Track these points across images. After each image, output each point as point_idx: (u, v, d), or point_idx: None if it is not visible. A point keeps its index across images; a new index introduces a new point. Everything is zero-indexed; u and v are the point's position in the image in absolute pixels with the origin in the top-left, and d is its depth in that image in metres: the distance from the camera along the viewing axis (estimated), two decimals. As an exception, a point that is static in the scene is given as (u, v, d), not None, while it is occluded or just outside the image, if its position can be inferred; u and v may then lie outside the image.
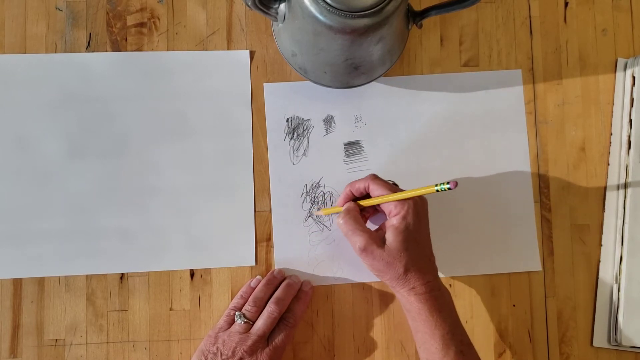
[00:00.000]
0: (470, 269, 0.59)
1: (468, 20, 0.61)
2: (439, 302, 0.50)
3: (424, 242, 0.51)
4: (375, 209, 0.56)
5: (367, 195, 0.54)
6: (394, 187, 0.52)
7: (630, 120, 0.59)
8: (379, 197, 0.51)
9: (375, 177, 0.53)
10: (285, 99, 0.59)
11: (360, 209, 0.54)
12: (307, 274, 0.58)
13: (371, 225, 0.57)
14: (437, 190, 0.45)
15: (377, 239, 0.50)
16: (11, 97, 0.57)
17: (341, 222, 0.52)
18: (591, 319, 0.59)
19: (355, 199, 0.55)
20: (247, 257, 0.58)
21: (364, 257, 0.50)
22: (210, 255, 0.58)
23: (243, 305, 0.55)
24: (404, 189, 0.52)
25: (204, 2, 0.60)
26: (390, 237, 0.49)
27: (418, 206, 0.51)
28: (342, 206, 0.54)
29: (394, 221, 0.50)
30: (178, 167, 0.58)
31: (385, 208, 0.52)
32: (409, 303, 0.50)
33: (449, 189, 0.44)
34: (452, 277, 0.59)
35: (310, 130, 0.59)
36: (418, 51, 0.61)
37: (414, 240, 0.50)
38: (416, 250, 0.50)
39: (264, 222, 0.58)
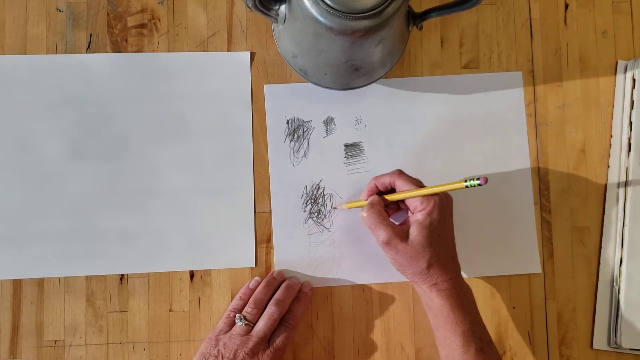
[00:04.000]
0: (470, 271, 0.59)
1: (468, 22, 0.61)
2: (461, 299, 0.50)
3: (447, 238, 0.51)
4: (398, 207, 0.56)
5: (392, 190, 0.53)
6: (420, 183, 0.52)
7: (631, 123, 0.59)
8: (404, 191, 0.51)
9: (401, 173, 0.52)
10: (285, 101, 0.59)
11: (384, 204, 0.53)
12: (307, 276, 0.58)
13: (393, 222, 0.56)
14: (467, 186, 0.44)
15: (401, 233, 0.49)
16: (11, 98, 0.57)
17: (365, 215, 0.52)
18: (591, 321, 0.59)
19: (379, 193, 0.54)
20: (247, 258, 0.58)
21: (387, 250, 0.50)
22: (210, 257, 0.57)
23: (242, 306, 0.54)
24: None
25: (204, 4, 0.60)
26: (414, 232, 0.49)
27: (443, 203, 0.50)
28: (366, 199, 0.54)
29: (418, 216, 0.50)
30: (178, 169, 0.58)
31: (410, 204, 0.51)
32: (431, 299, 0.50)
33: (479, 184, 0.43)
34: (452, 279, 0.59)
35: (310, 132, 0.59)
36: (418, 53, 0.61)
37: (438, 236, 0.49)
38: (440, 247, 0.50)
39: (264, 224, 0.58)
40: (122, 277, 0.57)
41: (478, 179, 0.43)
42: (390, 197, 0.53)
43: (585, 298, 0.59)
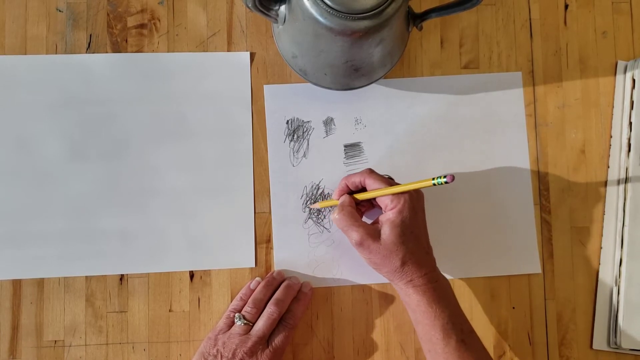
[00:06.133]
0: (470, 272, 0.59)
1: (468, 22, 0.61)
2: (437, 293, 0.50)
3: (420, 235, 0.51)
4: (372, 204, 0.56)
5: (363, 189, 0.54)
6: (390, 181, 0.52)
7: (630, 123, 0.59)
8: (375, 190, 0.51)
9: (371, 172, 0.53)
10: (285, 101, 0.59)
11: (356, 203, 0.54)
12: (306, 276, 0.58)
13: (367, 220, 0.57)
14: (434, 184, 0.45)
15: (373, 232, 0.50)
16: (11, 98, 0.57)
17: (337, 217, 0.52)
18: (591, 322, 0.59)
19: (350, 192, 0.54)
20: (246, 258, 0.58)
21: (361, 251, 0.51)
22: (210, 257, 0.57)
23: (242, 307, 0.54)
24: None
25: (204, 4, 0.60)
26: (386, 231, 0.49)
27: (414, 200, 0.51)
28: (338, 199, 0.54)
29: (390, 215, 0.50)
30: (178, 169, 0.58)
31: (381, 202, 0.52)
32: (407, 295, 0.51)
33: (445, 182, 0.44)
34: (452, 280, 0.59)
35: (310, 132, 0.59)
36: (418, 53, 0.61)
37: (410, 233, 0.50)
38: (413, 244, 0.50)
39: (263, 224, 0.58)
40: (122, 277, 0.57)
41: (445, 176, 0.44)
42: (360, 196, 0.53)
43: (585, 298, 0.59)
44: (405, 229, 0.49)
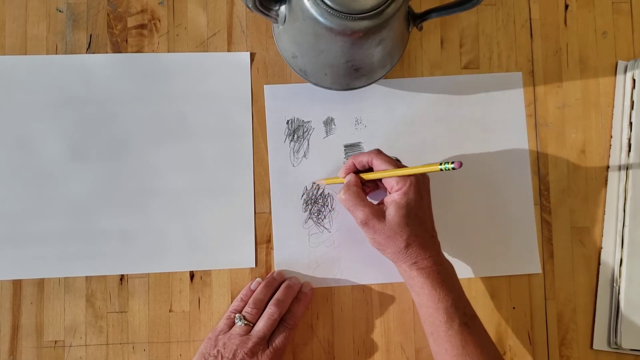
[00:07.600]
0: (470, 271, 0.59)
1: (468, 22, 0.61)
2: (442, 276, 0.50)
3: (425, 218, 0.51)
4: (376, 185, 0.56)
5: (370, 170, 0.54)
6: (397, 163, 0.52)
7: (631, 123, 0.59)
8: (381, 171, 0.51)
9: (379, 152, 0.53)
10: (285, 101, 0.59)
11: (362, 183, 0.54)
12: (307, 276, 0.58)
13: (371, 201, 0.57)
14: (441, 169, 0.45)
15: (379, 212, 0.50)
16: (11, 98, 0.57)
17: (343, 196, 0.52)
18: (591, 322, 0.59)
19: (357, 172, 0.54)
20: (247, 258, 0.58)
21: (366, 230, 0.51)
22: (210, 257, 0.57)
23: (243, 307, 0.54)
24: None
25: (204, 4, 0.60)
26: (391, 211, 0.50)
27: (420, 183, 0.51)
28: (344, 177, 0.54)
29: (395, 196, 0.50)
30: (178, 169, 0.58)
31: (387, 183, 0.52)
32: (412, 278, 0.51)
33: (453, 168, 0.44)
34: (452, 279, 0.59)
35: (310, 132, 0.59)
36: (418, 53, 0.61)
37: (415, 215, 0.50)
38: (417, 226, 0.50)
39: (264, 224, 0.58)
40: (122, 277, 0.57)
41: (452, 162, 0.44)
42: (366, 176, 0.53)
43: (585, 298, 0.59)
44: (410, 210, 0.50)
